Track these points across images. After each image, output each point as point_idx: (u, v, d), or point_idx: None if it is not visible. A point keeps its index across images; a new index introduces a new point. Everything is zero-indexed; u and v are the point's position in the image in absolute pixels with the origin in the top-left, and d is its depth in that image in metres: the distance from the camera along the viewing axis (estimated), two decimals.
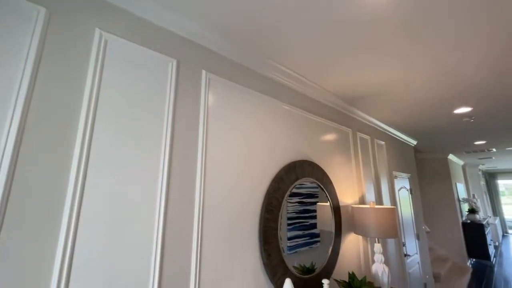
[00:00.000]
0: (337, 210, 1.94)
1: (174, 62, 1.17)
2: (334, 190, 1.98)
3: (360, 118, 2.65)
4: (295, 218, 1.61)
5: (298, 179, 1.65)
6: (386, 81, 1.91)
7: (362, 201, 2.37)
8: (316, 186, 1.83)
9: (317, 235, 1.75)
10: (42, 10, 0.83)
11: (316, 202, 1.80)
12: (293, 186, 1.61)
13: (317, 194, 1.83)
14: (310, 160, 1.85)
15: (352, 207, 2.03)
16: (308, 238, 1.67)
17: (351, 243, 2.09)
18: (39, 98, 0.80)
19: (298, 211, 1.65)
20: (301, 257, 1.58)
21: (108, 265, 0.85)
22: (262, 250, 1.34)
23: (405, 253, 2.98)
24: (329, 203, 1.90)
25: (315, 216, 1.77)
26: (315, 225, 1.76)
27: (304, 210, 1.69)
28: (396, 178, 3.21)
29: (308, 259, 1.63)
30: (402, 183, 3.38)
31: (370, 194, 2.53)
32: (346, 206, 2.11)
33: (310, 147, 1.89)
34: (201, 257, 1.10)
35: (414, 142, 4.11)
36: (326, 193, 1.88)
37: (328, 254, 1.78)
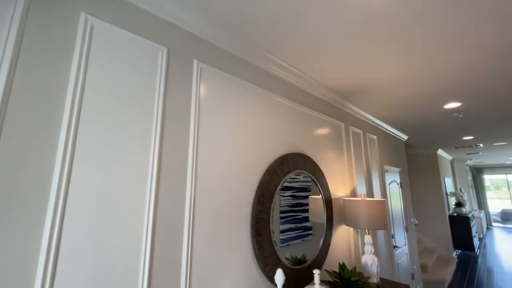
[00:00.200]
0: (328, 202, 1.96)
1: (165, 50, 1.14)
2: (326, 183, 1.99)
3: (353, 112, 2.67)
4: (288, 211, 1.62)
5: (290, 172, 1.65)
6: (379, 76, 1.91)
7: (354, 194, 2.41)
8: (309, 180, 1.84)
9: (309, 228, 1.77)
10: None
11: (308, 196, 1.82)
12: (285, 178, 1.61)
13: (310, 188, 1.84)
14: (303, 153, 1.85)
15: (343, 200, 2.05)
16: (300, 231, 1.69)
17: (342, 235, 2.12)
18: (20, 87, 0.75)
19: (291, 205, 1.65)
20: (293, 249, 1.60)
21: (96, 260, 0.84)
22: (254, 241, 1.35)
23: (394, 244, 3.05)
24: (321, 196, 1.92)
25: (308, 209, 1.79)
26: (308, 218, 1.77)
27: (297, 203, 1.70)
28: (387, 172, 3.27)
29: (300, 251, 1.65)
30: (393, 177, 3.45)
31: (362, 188, 2.57)
32: (338, 199, 2.14)
33: (303, 140, 1.89)
34: (192, 248, 1.10)
35: (405, 137, 4.18)
36: (318, 185, 1.90)
37: (319, 245, 1.80)
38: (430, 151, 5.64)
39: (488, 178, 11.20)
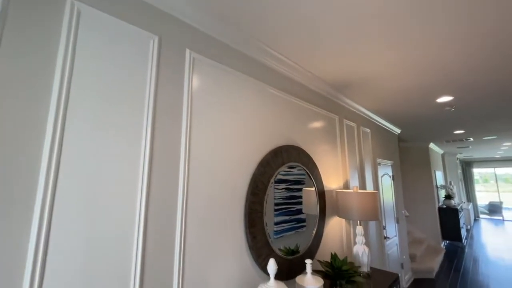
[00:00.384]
0: (321, 194, 1.99)
1: (156, 39, 1.11)
2: (320, 175, 2.01)
3: (347, 106, 2.68)
4: (282, 204, 1.64)
5: (284, 164, 1.66)
6: (373, 68, 1.91)
7: (347, 186, 2.44)
8: (303, 173, 1.86)
9: (303, 220, 1.79)
10: None
11: (302, 189, 1.83)
12: (279, 170, 1.62)
13: (304, 180, 1.86)
14: (296, 145, 1.86)
15: (336, 192, 2.08)
16: (294, 223, 1.71)
17: (335, 226, 2.16)
18: (4, 76, 0.73)
19: (285, 197, 1.67)
20: (287, 240, 1.63)
21: (87, 251, 0.83)
22: (247, 232, 1.36)
23: (385, 235, 3.13)
24: (314, 188, 1.94)
25: (302, 202, 1.81)
26: (301, 210, 1.79)
27: (291, 196, 1.72)
28: (379, 165, 3.32)
29: (294, 243, 1.67)
30: (385, 170, 3.50)
31: (354, 180, 2.61)
32: (331, 191, 2.17)
33: (297, 133, 1.90)
34: (185, 238, 1.10)
35: (398, 131, 4.23)
36: (311, 178, 1.91)
37: (312, 236, 1.83)
38: (422, 145, 5.74)
39: (477, 172, 11.50)
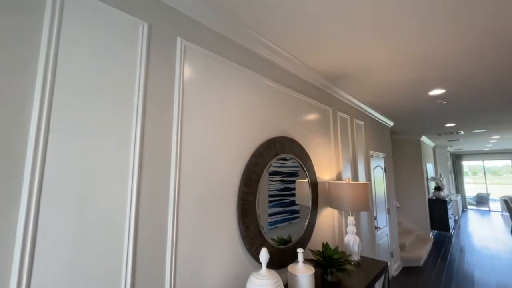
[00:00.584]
0: (314, 185, 2.01)
1: (146, 26, 1.08)
2: (313, 166, 2.03)
3: (341, 98, 2.68)
4: (276, 195, 1.65)
5: (277, 155, 1.66)
6: (367, 61, 1.91)
7: (339, 178, 2.47)
8: (297, 166, 1.87)
9: (296, 212, 1.82)
10: None
11: (296, 180, 1.85)
12: (272, 161, 1.62)
13: (298, 173, 1.87)
14: (290, 137, 1.86)
15: (329, 183, 2.11)
16: (288, 214, 1.73)
17: (327, 217, 2.20)
18: None
19: (280, 189, 1.68)
20: (281, 231, 1.65)
21: (77, 240, 0.82)
22: (240, 222, 1.37)
23: (376, 226, 3.21)
24: (307, 180, 1.96)
25: (295, 194, 1.83)
26: (295, 202, 1.81)
27: (285, 188, 1.73)
28: (372, 157, 3.36)
29: (287, 233, 1.70)
30: (378, 162, 3.56)
31: (347, 172, 2.64)
32: (324, 183, 2.19)
33: (291, 124, 1.90)
34: (177, 227, 1.10)
35: (391, 124, 4.27)
36: (304, 169, 1.93)
37: (304, 226, 1.86)
38: (414, 138, 5.83)
39: (466, 165, 11.80)
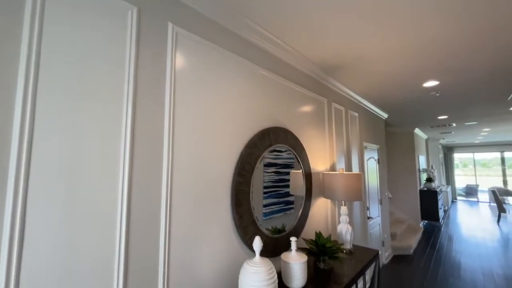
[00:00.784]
0: (308, 176, 2.02)
1: (135, 10, 1.04)
2: (307, 157, 2.04)
3: (336, 89, 2.67)
4: (271, 186, 1.66)
5: (271, 145, 1.66)
6: (363, 50, 1.89)
7: (333, 169, 2.49)
8: (292, 157, 1.87)
9: (291, 202, 1.83)
10: None
11: (290, 171, 1.86)
12: (266, 152, 1.62)
13: (293, 164, 1.88)
14: (284, 127, 1.85)
15: (322, 174, 2.12)
16: (283, 205, 1.75)
17: (320, 207, 2.22)
18: None
19: (274, 180, 1.69)
20: (276, 222, 1.67)
21: (67, 232, 0.81)
22: (234, 212, 1.38)
23: (368, 216, 3.27)
24: (301, 170, 1.97)
25: (289, 184, 1.84)
26: (290, 192, 1.83)
27: (280, 179, 1.74)
28: (366, 148, 3.39)
29: (281, 223, 1.72)
30: (371, 154, 3.60)
31: (341, 163, 2.66)
32: (318, 173, 2.21)
33: (285, 115, 1.89)
34: (170, 217, 1.10)
35: (385, 116, 4.30)
36: (299, 160, 1.94)
37: (298, 216, 1.89)
38: (408, 130, 5.90)
39: (457, 157, 12.04)
